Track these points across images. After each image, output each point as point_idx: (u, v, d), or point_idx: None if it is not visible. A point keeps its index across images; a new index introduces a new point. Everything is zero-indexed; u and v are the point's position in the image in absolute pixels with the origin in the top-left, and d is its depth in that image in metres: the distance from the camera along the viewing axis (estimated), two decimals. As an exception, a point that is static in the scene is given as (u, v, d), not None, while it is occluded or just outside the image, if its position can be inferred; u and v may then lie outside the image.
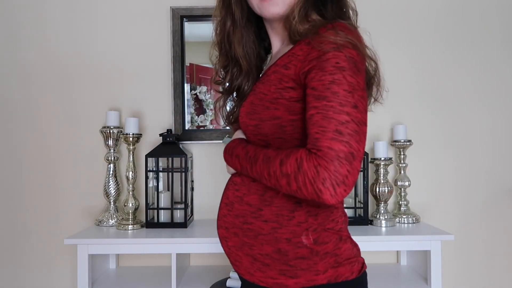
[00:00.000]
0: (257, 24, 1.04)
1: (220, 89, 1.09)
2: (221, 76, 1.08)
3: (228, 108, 1.10)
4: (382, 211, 1.81)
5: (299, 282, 0.84)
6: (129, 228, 1.73)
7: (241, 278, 0.95)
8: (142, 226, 1.78)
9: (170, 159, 1.87)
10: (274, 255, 0.86)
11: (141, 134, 1.86)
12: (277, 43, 1.00)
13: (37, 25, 1.98)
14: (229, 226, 0.93)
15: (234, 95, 1.08)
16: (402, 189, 1.90)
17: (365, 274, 0.93)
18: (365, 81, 0.84)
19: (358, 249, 0.95)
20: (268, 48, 1.10)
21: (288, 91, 0.84)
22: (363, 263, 0.93)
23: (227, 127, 1.92)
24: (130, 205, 1.79)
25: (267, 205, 0.87)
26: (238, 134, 1.00)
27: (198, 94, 1.99)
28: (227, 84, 1.07)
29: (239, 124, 0.99)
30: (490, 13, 1.99)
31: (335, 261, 0.86)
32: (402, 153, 1.90)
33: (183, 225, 1.76)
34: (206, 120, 2.00)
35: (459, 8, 1.99)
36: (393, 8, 1.99)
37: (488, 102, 1.99)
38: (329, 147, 0.73)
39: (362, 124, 0.77)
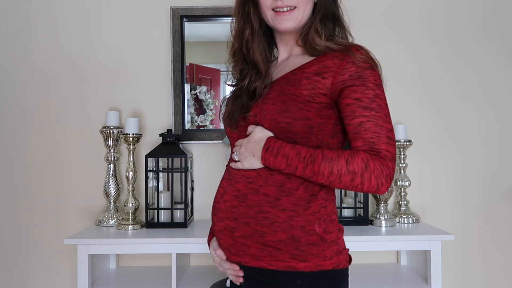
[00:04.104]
0: (269, 34, 1.15)
1: (232, 89, 1.17)
2: (236, 78, 1.16)
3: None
4: (382, 211, 1.81)
5: (309, 266, 0.94)
6: (129, 228, 1.73)
7: (242, 268, 1.00)
8: (142, 226, 1.78)
9: (170, 159, 1.87)
10: (288, 241, 0.94)
11: (141, 134, 1.86)
12: (285, 53, 1.12)
13: (38, 25, 1.98)
14: (239, 217, 0.98)
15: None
16: (402, 189, 1.90)
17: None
18: None
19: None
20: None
21: (320, 97, 0.96)
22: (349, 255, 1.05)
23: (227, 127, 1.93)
24: (130, 205, 1.79)
25: (285, 195, 0.96)
26: (263, 130, 0.99)
27: (198, 94, 1.99)
28: (242, 85, 1.12)
29: (250, 121, 1.02)
30: (487, 14, 1.99)
31: (337, 250, 0.98)
32: (402, 153, 1.90)
33: (183, 225, 1.76)
34: (206, 120, 2.00)
35: (457, 9, 1.99)
36: (395, 9, 1.99)
37: (487, 102, 1.99)
38: (386, 149, 0.91)
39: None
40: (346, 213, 1.84)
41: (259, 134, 0.99)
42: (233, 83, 1.17)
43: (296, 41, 1.07)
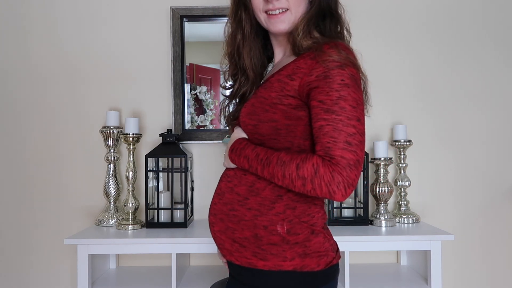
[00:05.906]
0: (264, 36, 1.15)
1: (227, 93, 1.20)
2: (229, 83, 1.18)
3: (230, 109, 1.21)
4: (382, 211, 1.81)
5: (267, 265, 0.95)
6: (129, 228, 1.73)
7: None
8: (142, 226, 1.78)
9: (170, 159, 1.87)
10: (251, 239, 0.97)
11: (141, 134, 1.86)
12: (280, 54, 1.11)
13: (38, 25, 1.98)
14: (217, 213, 1.05)
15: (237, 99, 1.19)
16: (402, 189, 1.90)
17: (333, 268, 1.00)
18: None
19: (333, 245, 1.03)
20: (270, 57, 1.20)
21: (288, 99, 0.95)
22: (334, 258, 1.01)
23: (227, 127, 1.93)
24: (130, 205, 1.79)
25: (253, 195, 0.99)
26: (239, 132, 1.07)
27: (198, 94, 1.99)
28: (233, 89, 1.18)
29: (236, 123, 1.10)
30: (486, 14, 1.99)
31: (303, 252, 0.96)
32: (402, 153, 1.90)
33: (183, 225, 1.76)
34: (206, 120, 2.00)
35: (456, 9, 1.99)
36: (394, 9, 1.99)
37: (487, 102, 1.99)
38: (341, 156, 0.86)
39: (363, 134, 0.90)
40: (346, 213, 1.84)
41: (235, 135, 1.07)
42: (227, 87, 1.21)
43: (288, 41, 1.06)
